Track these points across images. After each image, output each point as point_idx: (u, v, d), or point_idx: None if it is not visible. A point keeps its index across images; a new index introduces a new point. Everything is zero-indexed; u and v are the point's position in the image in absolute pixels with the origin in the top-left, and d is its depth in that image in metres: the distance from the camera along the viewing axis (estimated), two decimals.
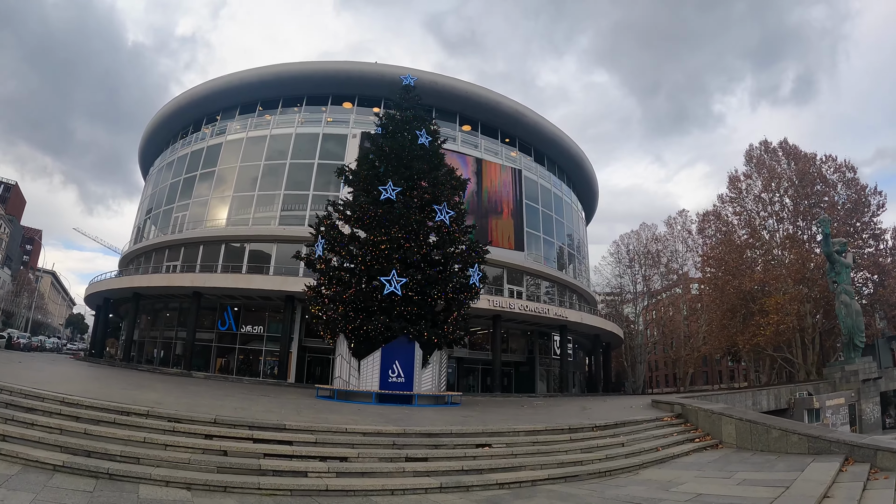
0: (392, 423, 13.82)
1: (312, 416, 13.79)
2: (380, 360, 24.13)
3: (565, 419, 17.31)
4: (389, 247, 24.01)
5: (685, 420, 18.51)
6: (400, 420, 14.85)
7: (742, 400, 31.31)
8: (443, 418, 16.64)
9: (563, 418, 17.88)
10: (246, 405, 15.63)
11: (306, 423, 12.11)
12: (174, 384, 23.02)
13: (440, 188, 26.85)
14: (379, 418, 14.98)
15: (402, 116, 28.55)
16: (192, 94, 50.90)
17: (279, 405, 16.94)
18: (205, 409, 12.65)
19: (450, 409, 22.63)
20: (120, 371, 33.28)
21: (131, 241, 55.39)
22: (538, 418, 18.46)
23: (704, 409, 18.05)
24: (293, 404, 18.02)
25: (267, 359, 42.84)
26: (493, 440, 13.05)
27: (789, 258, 49.14)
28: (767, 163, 53.45)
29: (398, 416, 16.08)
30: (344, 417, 14.30)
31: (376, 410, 18.35)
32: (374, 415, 16.22)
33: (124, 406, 10.99)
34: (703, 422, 17.78)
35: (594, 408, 25.55)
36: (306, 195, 44.97)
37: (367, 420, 14.10)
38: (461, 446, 12.45)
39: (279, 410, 14.84)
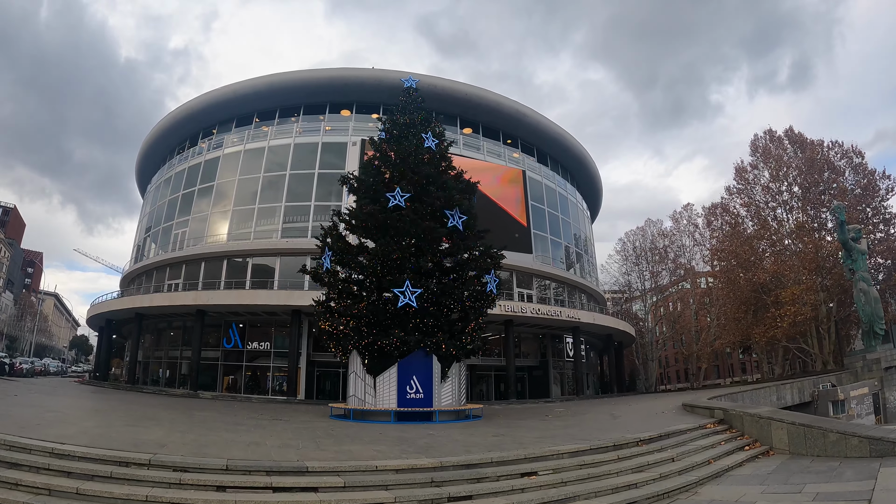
0: (422, 451, 12.47)
1: (334, 450, 12.30)
2: (396, 376, 22.72)
3: (603, 432, 16.16)
4: (401, 256, 22.57)
5: (729, 426, 17.24)
6: (430, 447, 13.44)
7: (766, 395, 30.49)
8: (473, 440, 15.23)
9: (599, 431, 16.76)
10: (259, 436, 14.19)
11: (330, 460, 10.71)
12: (180, 411, 21.52)
13: (450, 192, 25.42)
14: (406, 446, 13.57)
15: (407, 120, 27.16)
16: (188, 109, 49.48)
17: (294, 434, 15.48)
18: (214, 450, 11.21)
19: (473, 424, 21.14)
20: (124, 396, 31.75)
21: (132, 261, 53.86)
22: (574, 432, 17.19)
23: (751, 413, 16.84)
24: (309, 431, 16.55)
25: (275, 375, 41.38)
26: (537, 466, 11.56)
27: (802, 248, 47.89)
28: (774, 152, 52.11)
29: (425, 441, 14.67)
30: (368, 449, 12.83)
31: (399, 433, 16.91)
32: (398, 440, 14.84)
33: (123, 455, 9.47)
34: (750, 427, 16.50)
35: (623, 414, 24.24)
36: (308, 206, 43.52)
37: (395, 450, 12.72)
38: (505, 477, 10.98)
39: (296, 443, 13.36)
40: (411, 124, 27.01)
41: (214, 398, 36.17)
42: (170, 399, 31.57)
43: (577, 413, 26.76)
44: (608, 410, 27.61)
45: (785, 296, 44.41)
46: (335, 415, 23.72)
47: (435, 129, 27.06)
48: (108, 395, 31.96)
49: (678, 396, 37.15)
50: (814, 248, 46.67)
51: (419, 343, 22.59)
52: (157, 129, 52.72)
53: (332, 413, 24.18)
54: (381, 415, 22.23)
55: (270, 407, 29.39)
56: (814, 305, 45.66)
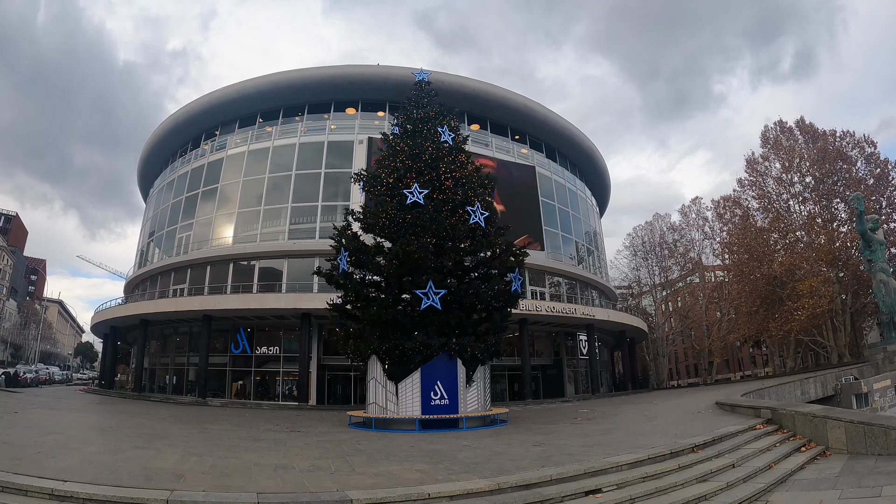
0: (469, 469, 11.07)
1: (373, 473, 10.70)
2: (420, 382, 21.10)
3: (649, 437, 14.97)
4: (422, 255, 20.97)
5: (779, 426, 16.09)
6: (474, 462, 11.96)
7: (790, 390, 29.67)
8: (515, 451, 13.80)
9: (644, 436, 15.49)
10: (283, 456, 12.61)
11: (372, 487, 9.22)
12: (192, 425, 19.89)
13: (471, 187, 23.87)
14: (448, 462, 12.07)
15: (421, 115, 25.52)
16: (189, 111, 47.84)
17: (320, 450, 13.88)
18: (239, 479, 9.68)
19: (503, 430, 19.59)
20: (131, 406, 30.13)
21: (135, 266, 52.19)
22: (618, 438, 15.98)
23: (803, 412, 15.70)
24: (334, 446, 14.96)
25: (285, 379, 39.84)
26: (599, 482, 10.15)
27: (817, 240, 46.62)
28: (785, 143, 50.77)
29: (465, 455, 13.17)
30: (408, 469, 11.25)
31: (431, 444, 15.39)
32: (434, 454, 13.33)
33: (135, 496, 7.86)
34: (803, 427, 15.29)
35: (657, 415, 22.86)
36: (315, 206, 41.94)
37: (437, 468, 11.24)
38: (570, 497, 9.50)
39: (327, 463, 11.75)
40: (426, 118, 25.36)
41: (224, 406, 34.62)
42: (178, 409, 29.93)
43: (607, 414, 25.21)
44: (636, 411, 26.27)
45: (802, 288, 43.20)
46: (354, 423, 22.23)
47: (450, 122, 25.49)
48: (115, 405, 30.34)
49: (700, 393, 35.88)
50: (828, 240, 45.51)
51: (443, 346, 21.06)
52: (158, 132, 51.07)
53: (350, 421, 22.68)
54: (405, 423, 20.73)
55: (283, 415, 27.84)
56: (831, 297, 44.41)
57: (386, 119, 44.54)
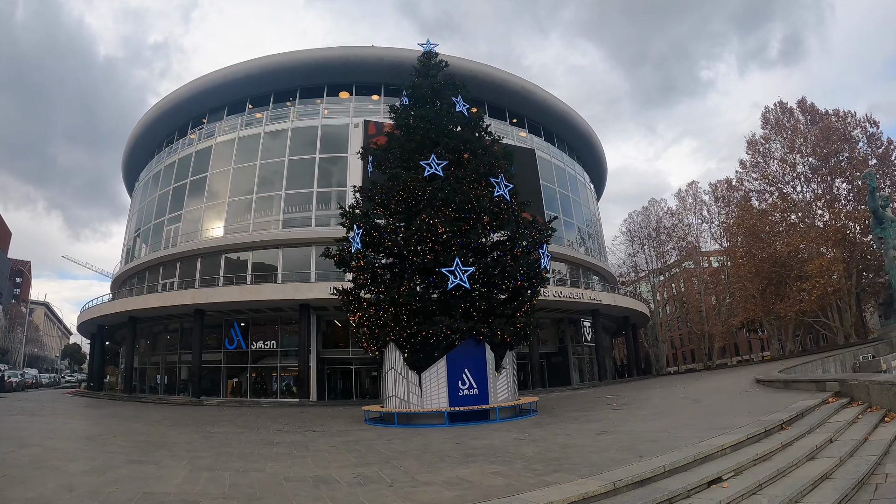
0: (556, 467, 8.61)
1: (441, 481, 7.91)
2: (446, 371, 18.55)
3: (718, 418, 13.18)
4: (448, 230, 18.29)
5: (850, 398, 14.86)
6: (551, 459, 9.52)
7: (813, 368, 29.48)
8: (584, 442, 11.66)
9: (708, 418, 13.58)
10: (316, 466, 9.82)
11: (460, 502, 6.53)
12: (192, 428, 16.99)
13: (492, 159, 21.32)
14: (521, 461, 9.47)
15: (431, 85, 22.89)
16: (175, 98, 44.56)
17: (356, 455, 11.00)
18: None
19: (541, 420, 16.99)
20: (122, 409, 27.11)
21: (122, 262, 48.79)
22: (681, 422, 13.57)
23: (879, 382, 14.37)
24: (366, 447, 12.23)
25: (282, 375, 36.99)
26: (712, 469, 8.18)
27: (825, 220, 44.91)
28: (786, 124, 48.79)
29: (532, 450, 10.70)
30: (481, 472, 8.56)
31: (475, 439, 12.90)
32: (494, 451, 10.86)
33: None
34: (879, 397, 14.01)
35: (698, 397, 20.42)
36: (310, 193, 39.04)
37: (515, 468, 8.74)
38: (695, 490, 7.38)
39: (376, 472, 8.88)
40: (436, 89, 22.82)
41: (220, 405, 31.74)
42: (173, 410, 26.99)
43: (639, 399, 22.76)
44: (669, 395, 23.94)
45: (812, 268, 41.25)
46: (371, 419, 19.71)
47: (466, 91, 22.90)
48: (104, 408, 27.24)
49: (716, 377, 33.87)
50: (835, 219, 43.84)
51: (472, 330, 18.48)
52: (143, 122, 47.67)
53: (367, 417, 20.16)
54: (432, 417, 18.16)
55: (287, 413, 25.06)
56: (841, 276, 42.54)
57: (381, 103, 41.78)
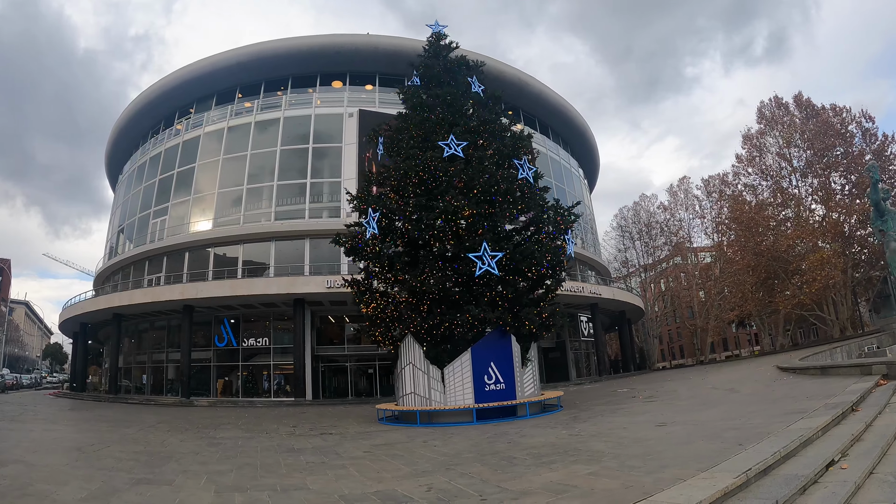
0: (663, 463, 7.12)
1: (538, 487, 5.94)
2: (471, 365, 16.63)
3: (768, 404, 12.32)
4: (474, 213, 16.34)
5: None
6: (639, 452, 8.18)
7: (823, 358, 27.82)
8: (656, 434, 10.32)
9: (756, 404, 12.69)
10: (366, 478, 7.67)
11: None
12: (192, 432, 14.77)
13: (513, 140, 19.52)
14: (610, 459, 7.72)
15: (443, 65, 21.08)
16: (162, 87, 41.90)
17: (405, 461, 8.98)
18: None
19: (577, 416, 14.98)
20: (109, 412, 24.67)
21: (105, 257, 46.04)
22: (732, 412, 12.15)
23: None
24: (405, 450, 10.34)
25: (275, 373, 34.75)
26: (819, 452, 7.29)
27: (820, 214, 44.09)
28: (782, 119, 47.76)
29: (603, 445, 9.30)
30: (571, 474, 6.68)
31: (523, 437, 11.40)
32: (552, 448, 9.54)
33: None
34: None
35: (729, 386, 18.96)
36: (303, 184, 36.83)
37: (605, 466, 7.02)
38: (820, 473, 6.48)
39: (443, 481, 6.88)
40: (449, 69, 20.98)
41: (212, 405, 29.51)
42: (164, 412, 24.65)
43: (662, 392, 20.76)
44: (689, 386, 22.31)
45: (813, 260, 40.21)
46: (387, 418, 17.84)
47: (480, 72, 21.03)
48: (90, 411, 24.66)
49: (721, 370, 32.20)
50: (833, 214, 42.97)
51: (499, 320, 16.60)
52: (128, 112, 44.89)
53: (381, 416, 18.26)
54: (457, 414, 16.30)
55: (287, 413, 22.95)
56: (842, 269, 41.50)
57: (376, 93, 39.67)
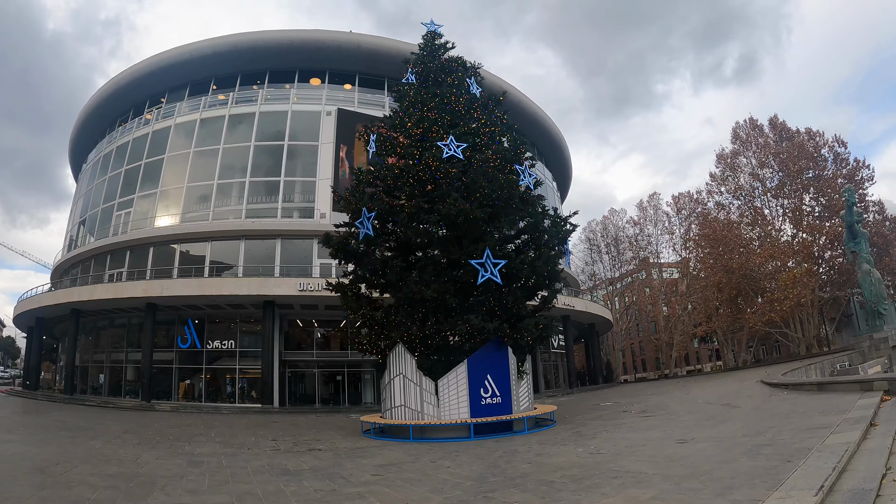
0: (727, 485, 6.12)
1: None
2: (467, 377, 15.47)
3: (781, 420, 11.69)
4: (477, 217, 15.08)
5: None
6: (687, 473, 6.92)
7: (801, 374, 29.09)
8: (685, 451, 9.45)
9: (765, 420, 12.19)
10: None
11: None
12: (168, 449, 12.77)
13: (513, 144, 18.67)
14: (661, 480, 6.44)
15: (439, 64, 19.72)
16: (133, 73, 39.53)
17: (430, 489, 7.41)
18: None
19: (580, 432, 13.75)
20: (66, 413, 22.56)
21: (64, 249, 43.33)
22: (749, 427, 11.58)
23: None
24: (424, 475, 8.80)
25: (241, 377, 32.83)
26: (874, 465, 6.61)
27: (791, 234, 44.26)
28: (757, 139, 47.93)
29: (642, 465, 7.79)
30: (638, 499, 5.45)
31: (539, 456, 10.40)
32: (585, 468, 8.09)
33: None
34: None
35: (723, 401, 17.82)
36: (276, 182, 35.09)
37: (662, 488, 6.01)
38: None
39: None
40: (446, 69, 19.62)
41: (175, 410, 27.53)
42: (126, 417, 22.59)
43: (654, 406, 19.59)
44: (679, 400, 21.31)
45: (785, 279, 40.36)
46: (374, 432, 16.32)
47: (477, 74, 19.77)
48: (47, 415, 22.15)
49: (697, 383, 31.33)
50: (804, 235, 43.28)
51: (497, 331, 15.43)
52: (96, 98, 42.31)
53: (366, 429, 16.78)
54: (451, 430, 15.11)
55: (258, 422, 21.23)
56: (812, 288, 41.54)
57: (355, 92, 38.14)
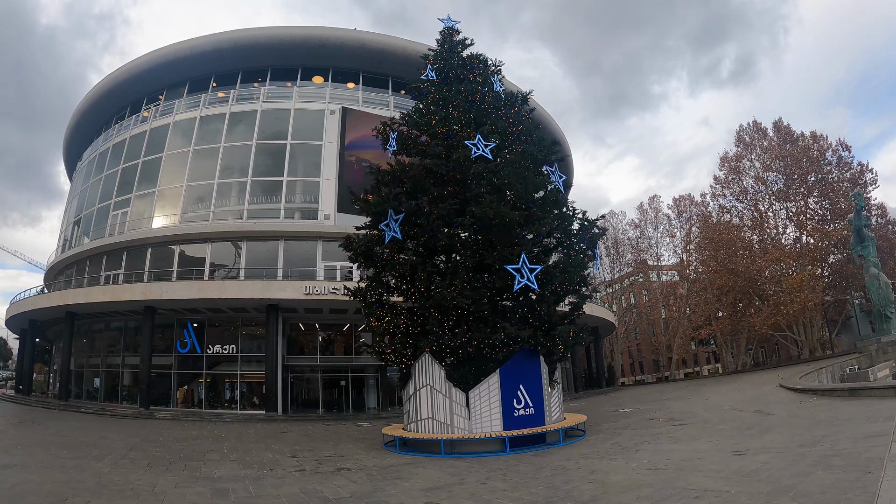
0: None
1: None
2: (499, 388, 14.38)
3: (855, 426, 10.90)
4: (512, 220, 13.86)
5: None
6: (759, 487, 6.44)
7: (813, 378, 28.16)
8: (761, 466, 8.29)
9: (837, 427, 11.28)
10: None
11: None
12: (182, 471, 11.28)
13: (541, 145, 17.40)
14: None
15: (462, 62, 18.44)
16: (130, 69, 37.93)
17: None
18: None
19: (613, 441, 12.62)
20: (63, 423, 21.03)
21: (58, 250, 41.62)
22: (809, 434, 11.06)
23: None
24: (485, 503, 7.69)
25: (242, 383, 31.42)
26: None
27: (797, 237, 43.62)
28: (760, 143, 47.14)
29: (704, 483, 7.87)
30: None
31: (591, 472, 9.37)
32: (662, 493, 7.19)
33: None
34: None
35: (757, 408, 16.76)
36: (279, 182, 33.68)
37: None
38: None
39: None
40: (469, 66, 18.34)
41: (175, 418, 26.05)
42: (126, 427, 21.00)
43: (680, 413, 18.51)
44: (704, 406, 20.26)
45: (792, 282, 39.64)
46: (398, 446, 15.07)
47: (499, 71, 18.60)
48: (44, 426, 20.18)
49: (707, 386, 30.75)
50: (810, 238, 42.69)
51: (531, 338, 14.39)
52: (92, 95, 40.64)
53: (385, 441, 15.69)
54: (483, 444, 13.97)
55: (268, 432, 19.93)
56: (820, 292, 40.93)
57: (359, 91, 36.82)
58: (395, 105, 36.26)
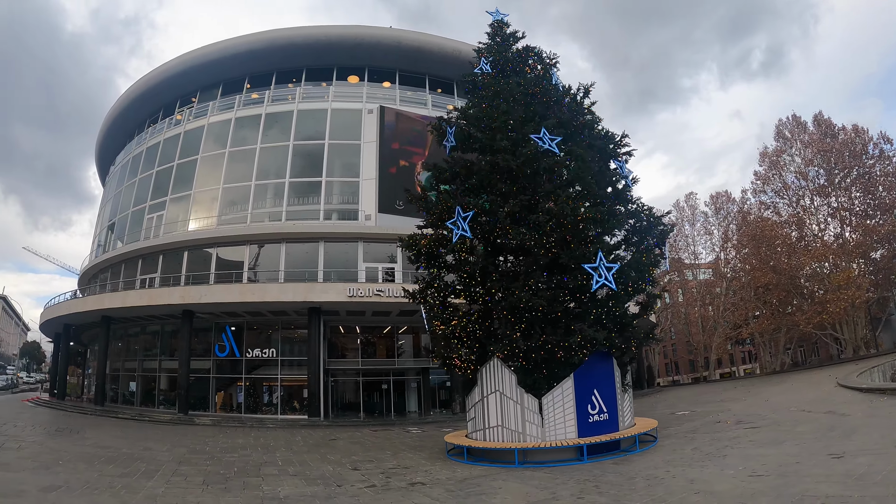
0: None
1: None
2: (573, 393, 13.16)
3: None
4: (591, 217, 12.56)
5: None
6: None
7: (867, 377, 27.09)
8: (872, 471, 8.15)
9: None
10: None
11: None
12: (238, 488, 10.39)
13: (604, 140, 15.90)
14: None
15: (518, 55, 17.21)
16: (163, 72, 37.12)
17: None
18: None
19: (693, 446, 11.39)
20: (104, 434, 19.88)
21: (92, 254, 40.91)
22: (876, 436, 10.83)
23: None
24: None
25: (282, 387, 30.29)
26: None
27: (839, 232, 42.16)
28: (800, 137, 45.31)
29: (826, 489, 7.44)
30: None
31: (704, 484, 8.64)
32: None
33: None
34: None
35: (828, 409, 15.36)
36: (318, 182, 32.49)
37: None
38: None
39: None
40: (523, 58, 17.11)
41: (216, 424, 24.99)
42: (169, 434, 19.90)
43: (742, 415, 17.06)
44: (770, 407, 18.90)
45: (839, 279, 38.09)
46: (457, 455, 13.91)
47: (556, 65, 17.20)
48: (83, 435, 18.94)
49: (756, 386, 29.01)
50: (855, 234, 41.19)
51: (607, 340, 13.20)
52: (124, 99, 39.90)
53: (448, 450, 14.54)
54: (557, 452, 12.76)
55: (316, 439, 18.78)
56: (867, 289, 39.46)
57: (396, 90, 35.63)
58: (434, 103, 35.03)
